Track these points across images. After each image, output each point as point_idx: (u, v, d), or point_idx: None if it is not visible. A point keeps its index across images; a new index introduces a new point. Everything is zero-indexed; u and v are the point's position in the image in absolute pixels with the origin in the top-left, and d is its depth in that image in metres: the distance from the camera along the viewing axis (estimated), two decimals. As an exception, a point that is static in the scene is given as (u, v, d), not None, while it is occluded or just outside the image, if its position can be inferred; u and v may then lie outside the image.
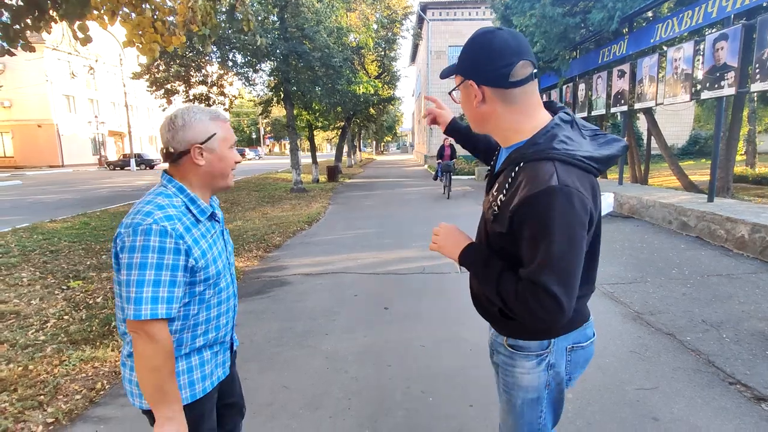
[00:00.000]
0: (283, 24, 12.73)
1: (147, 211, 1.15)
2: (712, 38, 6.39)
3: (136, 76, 15.19)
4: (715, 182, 6.90)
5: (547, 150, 1.02)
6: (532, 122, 1.09)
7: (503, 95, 1.08)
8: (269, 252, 6.21)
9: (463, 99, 1.17)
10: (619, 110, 9.17)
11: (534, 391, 1.21)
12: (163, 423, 1.14)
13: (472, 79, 1.10)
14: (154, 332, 1.11)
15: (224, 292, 1.34)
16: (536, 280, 0.98)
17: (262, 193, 13.81)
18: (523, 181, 1.02)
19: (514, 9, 11.26)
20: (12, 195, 14.97)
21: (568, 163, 1.01)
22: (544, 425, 1.25)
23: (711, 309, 3.66)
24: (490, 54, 1.05)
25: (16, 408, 2.48)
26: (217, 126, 1.27)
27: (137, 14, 3.87)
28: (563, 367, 1.21)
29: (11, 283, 4.64)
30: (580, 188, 0.99)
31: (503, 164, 1.12)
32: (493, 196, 1.12)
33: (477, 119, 1.16)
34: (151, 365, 1.11)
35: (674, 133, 21.88)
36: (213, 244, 1.29)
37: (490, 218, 1.12)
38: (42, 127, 33.24)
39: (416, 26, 28.32)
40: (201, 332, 1.28)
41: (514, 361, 1.22)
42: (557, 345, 1.18)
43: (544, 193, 0.96)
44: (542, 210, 0.97)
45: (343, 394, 2.60)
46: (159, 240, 1.11)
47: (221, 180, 1.31)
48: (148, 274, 1.10)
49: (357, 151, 37.51)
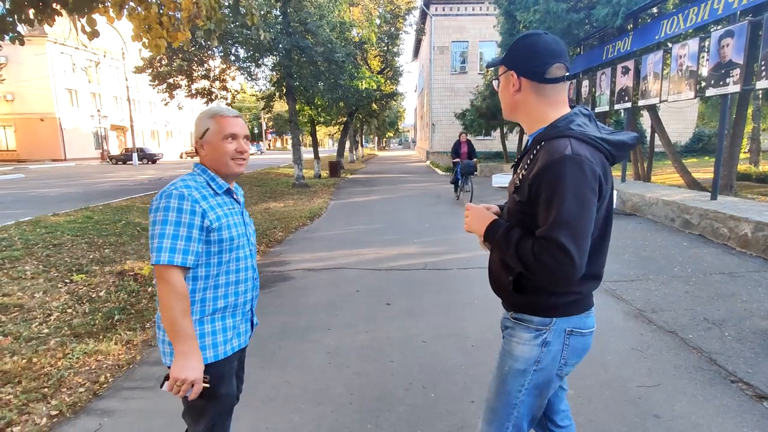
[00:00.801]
0: (286, 18, 12.68)
1: (172, 182, 1.42)
2: (717, 35, 6.34)
3: (138, 70, 15.17)
4: (719, 180, 6.87)
5: (564, 130, 1.18)
6: (556, 114, 1.26)
7: (537, 88, 1.26)
8: (271, 247, 6.22)
9: (502, 86, 1.34)
10: (622, 107, 9.13)
11: (523, 363, 1.29)
12: (178, 357, 1.33)
13: (514, 70, 1.28)
14: (168, 276, 1.32)
15: (242, 262, 1.52)
16: (549, 237, 1.10)
17: (264, 188, 13.82)
18: (541, 155, 1.17)
19: (518, 4, 11.20)
20: (15, 188, 15.01)
21: (581, 140, 1.16)
22: (522, 402, 1.31)
23: (713, 307, 3.66)
24: (533, 53, 1.24)
25: (21, 400, 2.50)
26: (212, 121, 1.47)
27: (144, 9, 3.86)
28: (560, 349, 1.28)
29: (15, 276, 4.66)
30: (590, 158, 1.13)
31: (529, 147, 1.28)
32: (517, 174, 1.28)
33: (511, 105, 1.34)
34: (165, 304, 1.32)
35: (678, 131, 21.78)
36: (230, 215, 1.49)
37: (512, 190, 1.27)
38: (44, 120, 33.29)
39: (419, 21, 28.19)
40: (221, 294, 1.47)
41: (515, 330, 1.33)
42: (558, 325, 1.27)
43: (558, 161, 1.11)
44: (555, 175, 1.10)
45: (345, 389, 2.61)
46: (178, 202, 1.35)
47: (223, 167, 1.49)
48: (168, 228, 1.33)
49: (359, 147, 37.46)
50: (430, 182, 15.38)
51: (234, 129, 1.47)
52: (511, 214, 1.30)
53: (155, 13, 3.95)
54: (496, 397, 1.35)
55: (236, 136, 1.48)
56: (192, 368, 1.32)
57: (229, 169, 1.49)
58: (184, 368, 1.32)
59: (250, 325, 1.63)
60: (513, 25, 12.47)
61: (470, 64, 27.27)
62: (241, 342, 1.56)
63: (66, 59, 33.30)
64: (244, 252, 1.53)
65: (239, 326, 1.55)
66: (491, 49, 25.53)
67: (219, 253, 1.44)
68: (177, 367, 1.32)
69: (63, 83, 33.65)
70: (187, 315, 1.34)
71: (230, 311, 1.50)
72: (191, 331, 1.35)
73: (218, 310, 1.46)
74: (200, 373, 1.35)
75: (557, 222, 1.09)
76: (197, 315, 1.42)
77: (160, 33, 3.99)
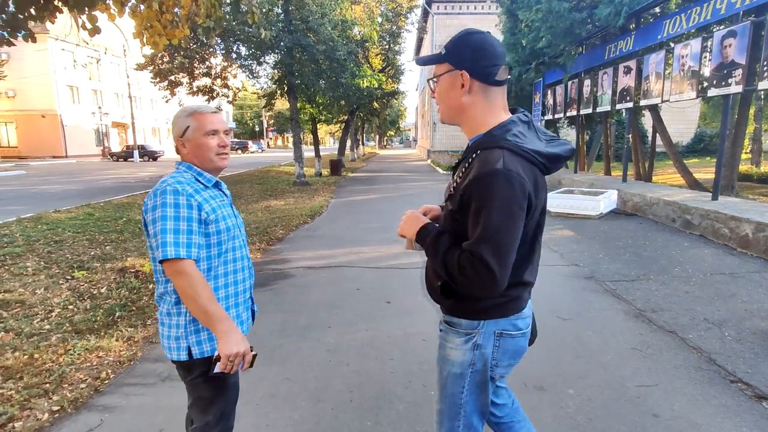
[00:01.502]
0: (288, 16, 12.66)
1: (162, 180, 1.44)
2: (720, 35, 6.33)
3: (140, 67, 15.18)
4: (720, 180, 6.87)
5: (499, 140, 1.16)
6: (496, 120, 1.23)
7: (486, 91, 1.21)
8: (272, 245, 6.22)
9: (444, 87, 1.25)
10: (624, 107, 9.12)
11: (459, 367, 1.32)
12: (222, 336, 1.36)
13: (465, 69, 1.19)
14: (182, 268, 1.34)
15: (238, 251, 1.56)
16: (474, 251, 1.10)
17: (264, 186, 13.82)
18: (475, 165, 1.15)
19: (520, 3, 11.18)
20: (16, 185, 15.03)
21: (515, 153, 1.14)
22: (466, 403, 1.34)
23: (713, 307, 3.66)
24: (484, 52, 1.18)
25: (22, 395, 2.51)
26: (191, 119, 1.49)
27: (146, 6, 3.86)
28: (490, 350, 1.30)
29: (16, 273, 4.67)
30: (521, 174, 1.11)
31: (465, 152, 1.26)
32: (453, 180, 1.27)
33: (455, 108, 1.26)
34: (188, 295, 1.34)
35: (679, 131, 21.74)
36: (221, 206, 1.52)
37: (446, 196, 1.27)
38: (46, 117, 33.29)
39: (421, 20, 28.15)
40: (222, 284, 1.51)
41: (448, 335, 1.35)
42: (486, 328, 1.28)
43: (489, 174, 1.09)
44: (485, 188, 1.10)
45: (345, 387, 2.62)
46: (173, 197, 1.37)
47: (207, 162, 1.52)
48: (168, 224, 1.35)
49: (360, 145, 37.45)
50: (432, 181, 15.38)
51: (215, 125, 1.51)
52: (445, 219, 1.31)
53: (156, 11, 3.96)
54: (442, 400, 1.39)
55: (217, 132, 1.51)
56: (238, 342, 1.36)
57: (213, 164, 1.53)
58: (233, 343, 1.35)
59: (251, 313, 1.68)
60: (515, 24, 12.45)
61: (472, 63, 27.20)
62: (243, 330, 1.60)
63: (67, 56, 33.27)
64: (239, 241, 1.58)
65: (241, 315, 1.59)
66: (493, 48, 25.46)
67: (218, 245, 1.48)
68: (226, 345, 1.34)
69: (64, 80, 33.64)
70: (213, 299, 1.37)
71: (232, 300, 1.54)
72: (223, 311, 1.38)
73: (220, 300, 1.49)
74: (246, 345, 1.39)
75: (482, 237, 1.09)
76: None
77: (159, 30, 4.00)
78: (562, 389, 2.55)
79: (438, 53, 1.23)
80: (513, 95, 15.34)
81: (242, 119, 64.95)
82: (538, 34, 10.27)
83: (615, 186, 8.90)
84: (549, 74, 12.68)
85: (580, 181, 10.35)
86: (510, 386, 2.58)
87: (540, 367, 2.78)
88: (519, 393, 2.52)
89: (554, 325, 3.40)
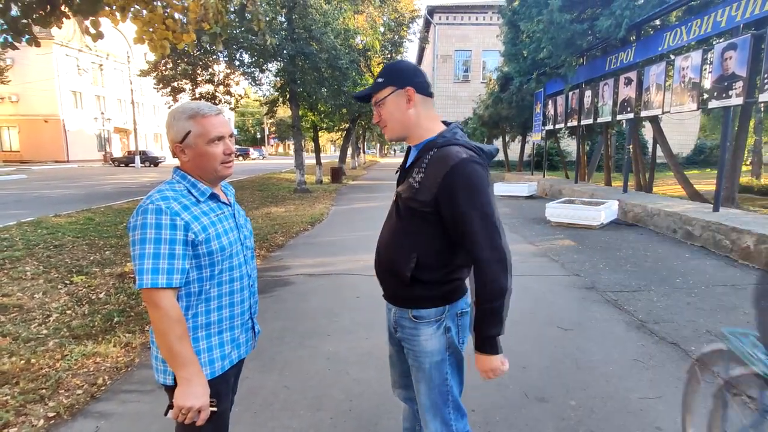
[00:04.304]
0: (291, 25, 12.77)
1: (149, 194, 1.29)
2: (720, 47, 6.37)
3: (143, 73, 15.27)
4: (721, 192, 6.87)
5: (452, 139, 1.36)
6: (438, 125, 1.44)
7: (426, 102, 1.42)
8: (272, 252, 6.21)
9: (391, 108, 1.41)
10: (625, 117, 9.15)
11: (438, 354, 1.43)
12: (180, 383, 1.24)
13: (411, 86, 1.38)
14: (157, 300, 1.21)
15: (236, 271, 1.40)
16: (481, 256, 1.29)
17: (265, 193, 13.83)
18: (437, 161, 1.31)
19: (521, 14, 11.27)
20: (17, 189, 15.03)
21: (467, 148, 1.34)
22: (451, 386, 1.46)
23: (716, 319, 3.64)
24: (417, 71, 1.42)
25: (18, 401, 2.48)
26: (193, 123, 1.32)
27: (148, 11, 3.89)
28: (455, 330, 1.45)
29: (15, 277, 4.65)
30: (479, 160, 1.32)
31: (418, 154, 1.40)
32: (413, 177, 1.37)
33: (405, 122, 1.41)
34: (158, 329, 1.22)
35: (679, 142, 21.82)
36: (218, 222, 1.37)
37: (410, 194, 1.36)
38: (48, 122, 33.41)
39: (423, 30, 28.37)
40: (215, 307, 1.36)
41: (419, 330, 1.43)
42: (450, 311, 1.43)
43: (460, 164, 1.27)
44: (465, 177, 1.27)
45: (344, 396, 2.59)
46: (155, 217, 1.22)
47: (210, 173, 1.37)
48: (147, 248, 1.21)
49: (361, 153, 37.53)
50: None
51: (220, 130, 1.35)
52: (404, 217, 1.41)
53: (160, 15, 3.99)
54: (429, 394, 1.45)
55: (222, 137, 1.36)
56: (195, 395, 1.23)
57: (217, 174, 1.38)
58: (188, 395, 1.22)
59: (252, 333, 1.53)
60: (516, 35, 12.56)
61: (473, 73, 27.43)
62: (241, 353, 1.47)
63: (71, 61, 33.49)
64: (238, 259, 1.41)
65: (239, 338, 1.44)
66: (494, 57, 25.65)
67: (210, 266, 1.32)
68: (180, 395, 1.22)
69: (68, 85, 33.82)
70: (184, 339, 1.23)
71: (227, 324, 1.39)
72: (191, 355, 1.24)
73: (212, 324, 1.36)
74: (205, 399, 1.25)
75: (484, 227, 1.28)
76: (190, 332, 1.31)
77: (164, 34, 4.03)
78: (563, 400, 2.52)
79: (376, 83, 1.42)
80: (514, 105, 15.43)
81: (244, 126, 65.19)
82: (539, 45, 10.35)
83: (616, 196, 8.90)
84: (550, 84, 12.75)
85: (580, 191, 10.35)
86: (511, 397, 2.57)
87: (541, 378, 2.75)
88: (520, 404, 2.49)
89: (555, 335, 3.38)
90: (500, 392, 2.61)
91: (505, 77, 15.66)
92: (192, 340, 1.31)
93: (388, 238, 1.48)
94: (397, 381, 1.71)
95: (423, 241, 1.37)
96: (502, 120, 16.96)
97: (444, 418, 1.46)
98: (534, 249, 6.23)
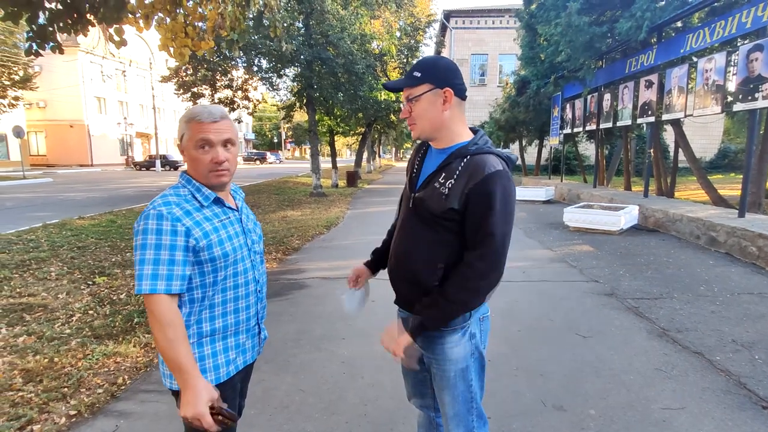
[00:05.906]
0: (308, 30, 12.91)
1: (152, 200, 1.29)
2: (746, 49, 6.20)
3: (164, 79, 15.62)
4: (747, 197, 6.67)
5: (485, 148, 1.34)
6: (467, 131, 1.41)
7: (460, 105, 1.39)
8: (288, 255, 6.25)
9: (425, 106, 1.35)
10: (645, 121, 8.97)
11: (462, 361, 1.40)
12: (181, 388, 1.21)
13: (449, 87, 1.33)
14: (154, 306, 1.20)
15: (241, 277, 1.38)
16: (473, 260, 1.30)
17: (282, 197, 13.96)
18: (472, 169, 1.28)
19: (539, 18, 11.17)
20: (43, 192, 15.50)
21: (499, 157, 1.34)
22: (475, 393, 1.43)
23: (742, 328, 3.52)
24: (456, 72, 1.36)
25: (41, 399, 2.54)
26: (188, 127, 1.31)
27: (171, 19, 3.98)
28: (479, 335, 1.43)
29: (40, 277, 4.79)
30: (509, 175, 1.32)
31: (447, 159, 1.36)
32: (440, 183, 1.33)
33: (437, 123, 1.37)
34: (156, 335, 1.21)
35: (702, 146, 21.28)
36: (221, 227, 1.34)
37: (437, 201, 1.32)
38: (74, 127, 34.44)
39: (439, 34, 28.36)
40: (219, 314, 1.34)
41: (444, 338, 1.39)
42: (474, 316, 1.41)
43: (496, 175, 1.26)
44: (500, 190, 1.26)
45: (359, 400, 2.58)
46: (156, 222, 1.22)
47: (202, 178, 1.35)
48: (148, 253, 1.21)
49: (376, 157, 37.62)
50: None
51: (206, 135, 1.29)
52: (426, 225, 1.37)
53: (181, 23, 4.07)
54: (454, 403, 1.42)
55: (211, 143, 1.30)
56: (187, 404, 1.19)
57: (208, 181, 1.34)
58: (183, 405, 1.20)
59: (258, 339, 1.51)
60: (534, 39, 12.45)
61: (489, 77, 27.27)
62: (247, 359, 1.45)
63: (95, 68, 34.48)
64: (244, 265, 1.39)
65: (244, 343, 1.43)
66: (511, 61, 25.47)
67: (213, 272, 1.31)
68: (182, 404, 1.21)
69: (92, 91, 34.81)
70: (177, 345, 1.20)
71: (232, 330, 1.38)
72: (186, 362, 1.20)
73: (217, 331, 1.35)
74: (200, 407, 1.19)
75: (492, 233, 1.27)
76: (194, 338, 1.31)
77: (185, 42, 4.11)
78: (582, 409, 2.47)
79: (411, 77, 1.35)
80: (531, 109, 15.28)
81: (261, 131, 66.08)
82: (557, 48, 10.23)
83: (636, 201, 8.72)
84: (568, 88, 12.59)
85: (599, 196, 10.17)
86: (528, 404, 2.52)
87: (559, 386, 2.70)
88: (537, 412, 2.45)
89: (574, 342, 3.31)
90: (517, 400, 2.57)
91: (522, 81, 15.52)
92: (196, 346, 1.31)
93: (408, 246, 1.42)
94: (411, 391, 1.69)
95: (449, 250, 1.34)
96: (518, 124, 16.81)
97: (468, 426, 1.44)
98: (552, 254, 6.14)
